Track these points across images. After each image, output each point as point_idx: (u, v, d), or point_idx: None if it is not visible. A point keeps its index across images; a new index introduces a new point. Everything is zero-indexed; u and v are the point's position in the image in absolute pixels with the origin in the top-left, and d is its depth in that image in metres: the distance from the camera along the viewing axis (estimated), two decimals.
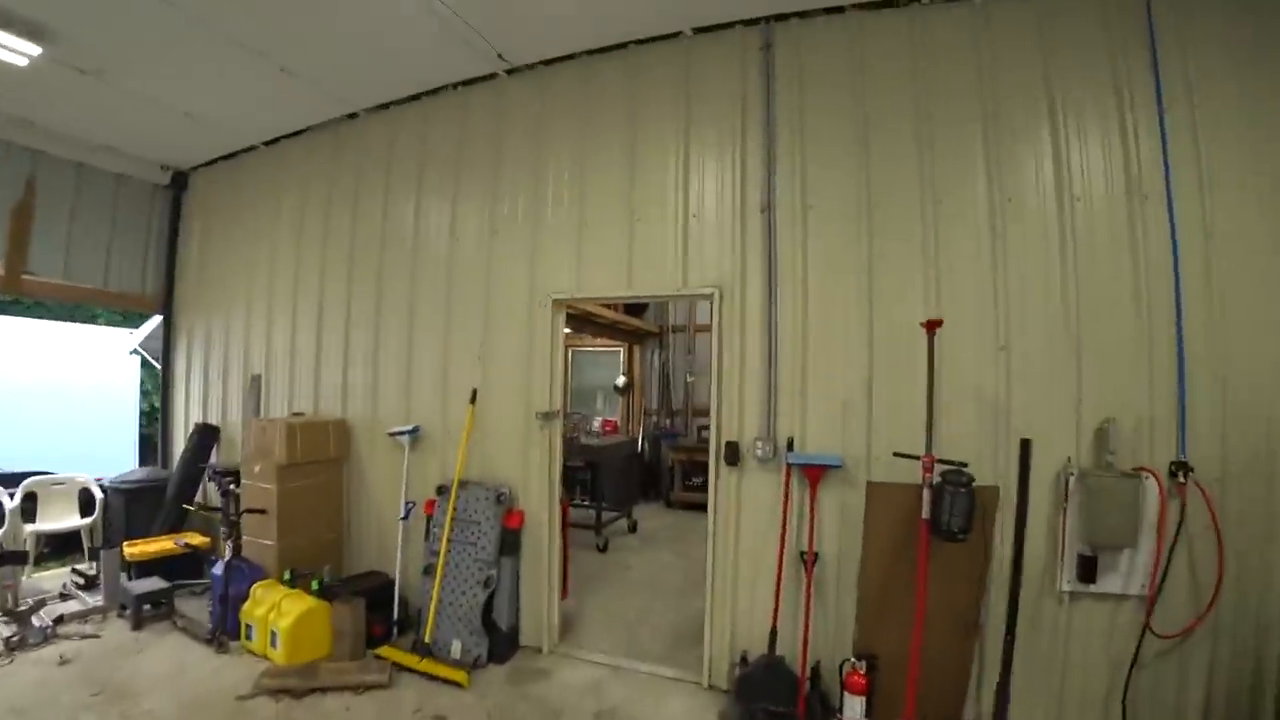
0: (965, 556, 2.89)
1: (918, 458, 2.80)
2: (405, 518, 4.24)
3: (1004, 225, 3.08)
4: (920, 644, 2.70)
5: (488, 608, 3.83)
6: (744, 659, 3.33)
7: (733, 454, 3.45)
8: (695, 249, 3.66)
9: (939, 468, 2.77)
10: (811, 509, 3.21)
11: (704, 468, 7.78)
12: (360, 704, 3.30)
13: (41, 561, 5.23)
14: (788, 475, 3.30)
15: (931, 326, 2.83)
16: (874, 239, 3.28)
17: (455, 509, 3.99)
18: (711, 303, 3.60)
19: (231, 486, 4.47)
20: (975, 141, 3.16)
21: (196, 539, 4.93)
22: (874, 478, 3.16)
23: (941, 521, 2.69)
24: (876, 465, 3.19)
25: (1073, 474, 2.83)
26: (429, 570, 3.99)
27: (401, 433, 4.37)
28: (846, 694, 3.01)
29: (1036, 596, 2.94)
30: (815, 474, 3.21)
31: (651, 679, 3.63)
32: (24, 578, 4.51)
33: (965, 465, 2.73)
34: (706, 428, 8.19)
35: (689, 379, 8.79)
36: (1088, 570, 2.86)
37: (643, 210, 3.82)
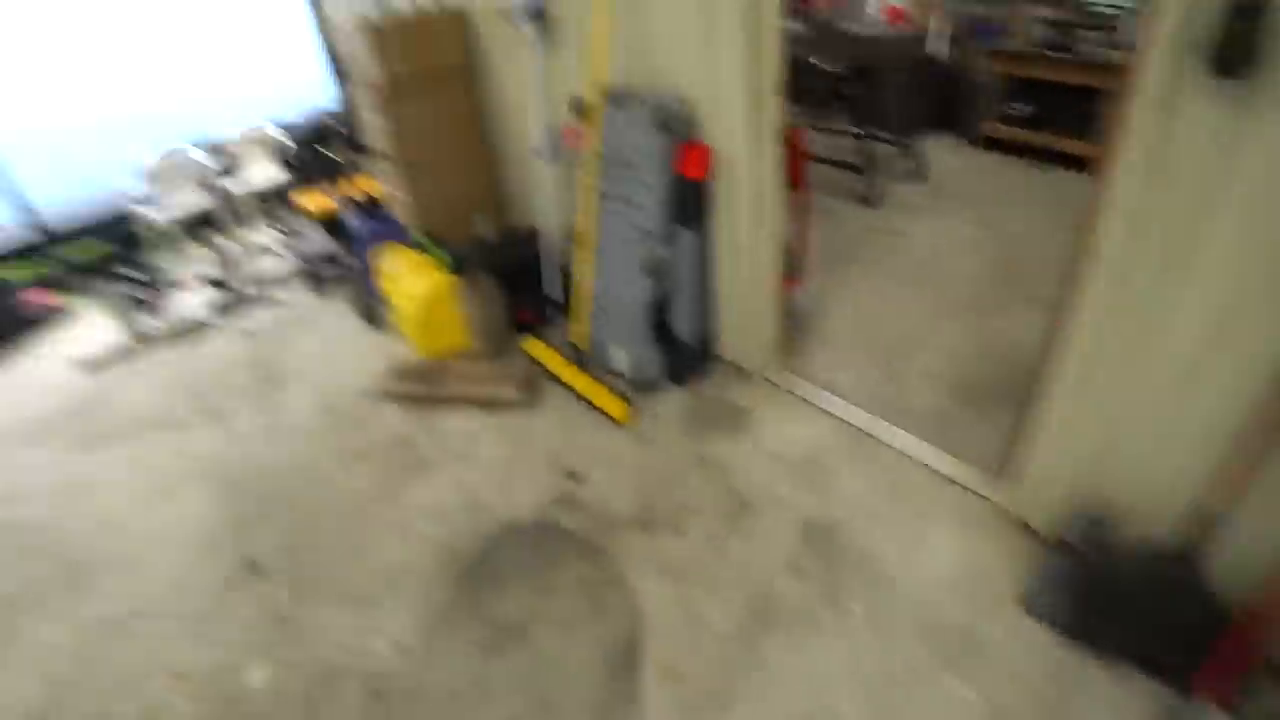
0: None
1: None
2: (546, 154, 2.72)
3: None
4: None
5: (659, 305, 2.45)
6: (1099, 522, 1.62)
7: (1248, 43, 1.06)
8: None
9: None
10: None
11: (1038, 86, 4.35)
12: (485, 432, 2.48)
13: (241, 220, 4.21)
14: None
15: None
16: None
17: (600, 141, 2.33)
18: None
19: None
20: None
21: (377, 188, 3.55)
22: None
23: None
24: None
25: None
26: (575, 240, 2.61)
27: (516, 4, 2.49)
28: None
29: None
30: None
31: (911, 468, 2.15)
32: (230, 240, 3.89)
33: None
34: (1046, 19, 4.36)
35: None
36: None
37: None
